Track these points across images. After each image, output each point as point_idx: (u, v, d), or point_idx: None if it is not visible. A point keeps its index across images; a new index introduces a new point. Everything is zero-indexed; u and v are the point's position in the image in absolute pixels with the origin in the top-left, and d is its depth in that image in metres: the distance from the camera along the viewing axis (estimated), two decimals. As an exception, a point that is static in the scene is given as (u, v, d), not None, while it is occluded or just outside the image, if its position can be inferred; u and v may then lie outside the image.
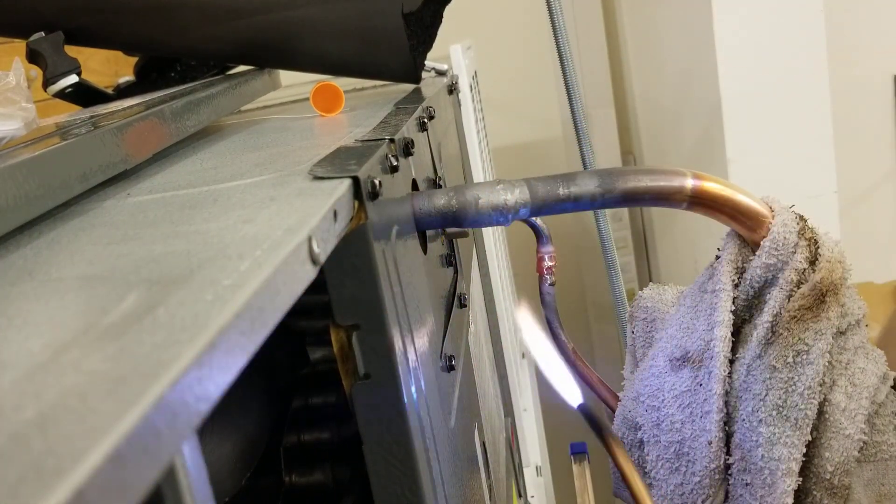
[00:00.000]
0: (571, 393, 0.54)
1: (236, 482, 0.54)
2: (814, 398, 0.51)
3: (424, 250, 0.53)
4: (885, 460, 0.54)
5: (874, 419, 0.54)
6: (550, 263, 0.63)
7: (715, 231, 0.55)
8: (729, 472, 0.55)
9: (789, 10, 1.49)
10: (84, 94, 0.69)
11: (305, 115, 0.68)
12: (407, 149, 0.49)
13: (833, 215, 1.53)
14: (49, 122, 0.57)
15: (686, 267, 1.86)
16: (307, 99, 0.67)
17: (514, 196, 0.48)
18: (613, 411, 0.66)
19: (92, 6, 0.67)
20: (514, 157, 2.06)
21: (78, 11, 0.67)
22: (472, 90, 1.18)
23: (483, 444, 0.69)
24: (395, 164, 0.43)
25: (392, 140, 0.46)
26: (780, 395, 0.51)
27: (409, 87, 0.77)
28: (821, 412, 0.53)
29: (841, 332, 0.53)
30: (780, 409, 0.52)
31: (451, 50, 1.10)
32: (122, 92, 0.76)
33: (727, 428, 0.54)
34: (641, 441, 0.60)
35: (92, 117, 0.54)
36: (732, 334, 0.54)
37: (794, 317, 0.51)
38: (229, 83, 0.66)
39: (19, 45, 0.69)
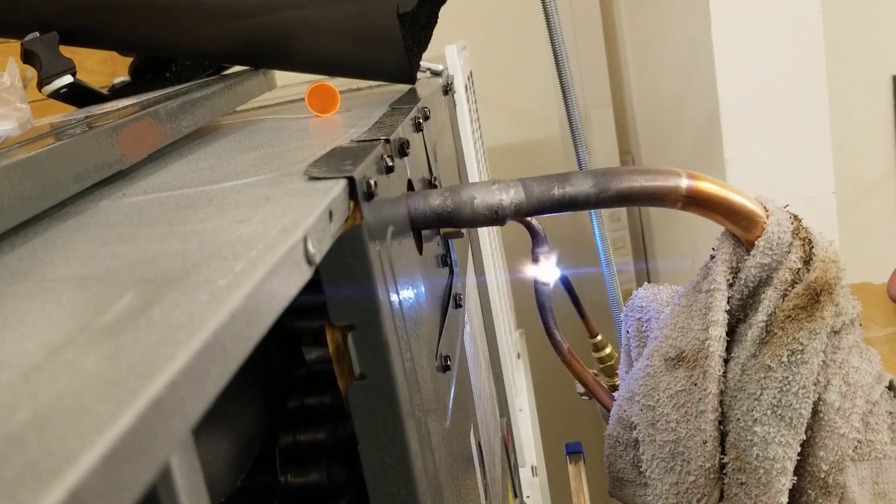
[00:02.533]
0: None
1: (232, 482, 0.54)
2: (808, 397, 0.52)
3: (420, 250, 0.53)
4: (880, 459, 0.54)
5: (868, 418, 0.54)
6: (545, 263, 0.63)
7: (714, 232, 0.55)
8: (724, 471, 0.55)
9: (787, 10, 1.49)
10: (79, 95, 0.69)
11: (301, 116, 0.68)
12: (402, 149, 0.49)
13: (831, 216, 1.53)
14: (44, 123, 0.57)
15: (684, 267, 1.86)
16: (302, 99, 0.67)
17: (509, 196, 0.48)
18: (609, 411, 0.66)
19: (87, 6, 0.67)
20: (509, 157, 2.07)
21: (73, 11, 0.67)
22: (467, 90, 1.18)
23: (479, 445, 0.69)
24: (390, 164, 0.43)
25: (387, 140, 0.46)
26: (774, 394, 0.52)
27: (405, 87, 0.77)
28: (815, 411, 0.53)
29: (835, 332, 0.53)
30: (775, 408, 0.52)
31: (446, 50, 1.10)
32: (118, 92, 0.76)
33: (722, 427, 0.54)
34: (636, 440, 0.60)
35: (87, 117, 0.54)
36: (727, 334, 0.54)
37: (789, 316, 0.52)
38: (224, 83, 0.66)
39: (14, 46, 0.69)
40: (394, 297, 0.41)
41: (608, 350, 0.74)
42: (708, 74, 1.52)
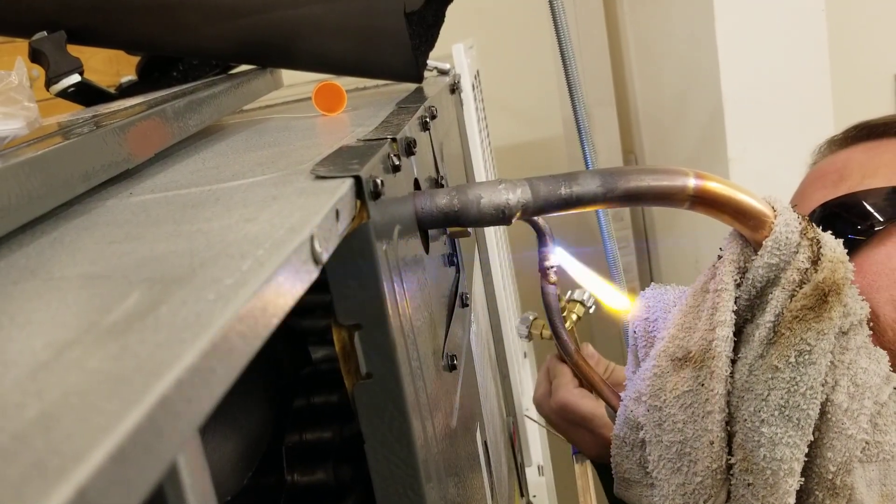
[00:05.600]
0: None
1: (238, 481, 0.54)
2: (816, 398, 0.51)
3: (426, 250, 0.53)
4: (888, 461, 0.54)
5: (876, 419, 0.54)
6: (552, 263, 0.63)
7: (716, 231, 0.55)
8: (731, 472, 0.55)
9: (791, 10, 1.49)
10: (86, 94, 0.69)
11: (307, 115, 0.68)
12: (409, 148, 0.49)
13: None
14: (51, 122, 0.57)
15: (687, 267, 1.86)
16: (309, 98, 0.67)
17: (515, 195, 0.48)
18: (615, 411, 0.66)
19: (94, 5, 0.67)
20: (515, 156, 2.06)
21: (80, 10, 0.67)
22: (474, 89, 1.18)
23: (485, 444, 0.69)
24: (397, 163, 0.43)
25: (394, 139, 0.46)
26: (782, 395, 0.51)
27: (412, 86, 0.77)
28: (823, 412, 0.53)
29: (843, 332, 0.53)
30: (783, 409, 0.52)
31: (453, 49, 1.10)
32: (125, 91, 0.76)
33: (729, 428, 0.54)
34: (643, 441, 0.60)
35: (94, 117, 0.54)
36: (734, 334, 0.54)
37: (797, 317, 0.51)
38: (231, 82, 0.66)
39: (21, 45, 0.69)
40: (400, 297, 0.41)
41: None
42: (712, 73, 1.52)
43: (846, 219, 0.69)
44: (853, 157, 0.76)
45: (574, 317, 0.83)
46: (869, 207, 0.69)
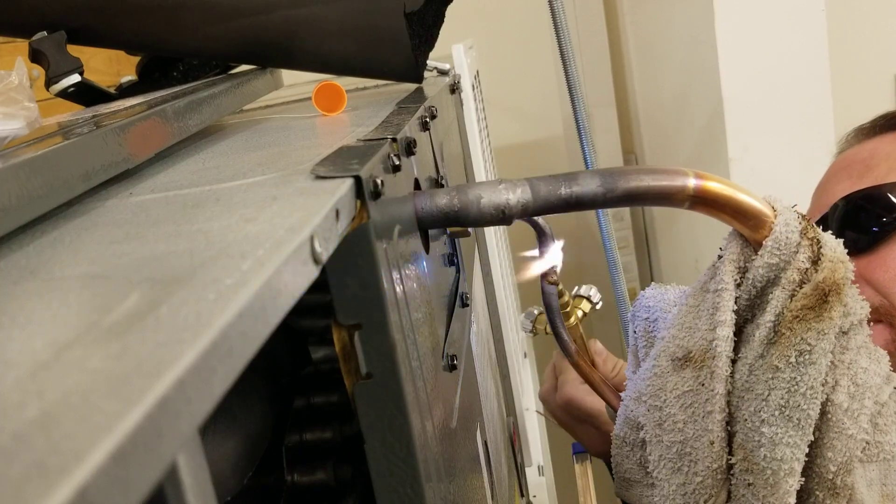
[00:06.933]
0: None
1: (238, 481, 0.54)
2: (816, 398, 0.51)
3: (426, 249, 0.53)
4: (888, 460, 0.54)
5: (877, 419, 0.54)
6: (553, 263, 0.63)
7: (716, 231, 0.55)
8: (731, 472, 0.55)
9: (791, 10, 1.49)
10: (86, 94, 0.69)
11: (307, 115, 0.68)
12: (409, 148, 0.49)
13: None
14: (51, 122, 0.57)
15: (687, 267, 1.86)
16: (309, 98, 0.67)
17: (515, 195, 0.48)
18: (616, 411, 0.66)
19: (95, 5, 0.67)
20: (515, 156, 2.06)
21: (81, 11, 0.67)
22: (474, 89, 1.18)
23: (485, 444, 0.69)
24: (397, 163, 0.43)
25: (394, 139, 0.46)
26: (782, 395, 0.51)
27: (412, 86, 0.77)
28: (823, 412, 0.53)
29: (843, 332, 0.53)
30: (783, 409, 0.52)
31: (453, 49, 1.10)
32: (125, 91, 0.76)
33: (729, 428, 0.54)
34: (643, 441, 0.60)
35: (94, 117, 0.54)
36: (735, 334, 0.54)
37: (797, 316, 0.51)
38: (231, 82, 0.66)
39: (22, 45, 0.69)
40: (400, 297, 0.41)
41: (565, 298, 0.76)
42: (712, 73, 1.52)
43: (870, 211, 0.69)
44: (880, 147, 0.76)
45: (580, 313, 0.82)
46: (895, 200, 0.69)
